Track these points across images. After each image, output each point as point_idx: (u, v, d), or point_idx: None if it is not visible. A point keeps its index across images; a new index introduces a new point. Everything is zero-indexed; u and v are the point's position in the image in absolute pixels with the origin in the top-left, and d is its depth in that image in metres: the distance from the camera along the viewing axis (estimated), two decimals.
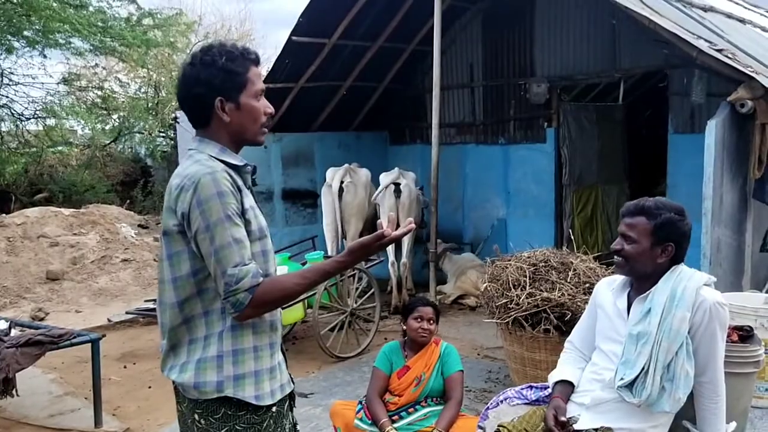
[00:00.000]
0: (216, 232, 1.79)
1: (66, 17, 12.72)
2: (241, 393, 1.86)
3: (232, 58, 1.90)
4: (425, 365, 3.57)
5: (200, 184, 1.79)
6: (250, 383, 1.88)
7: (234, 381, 1.86)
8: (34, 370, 5.03)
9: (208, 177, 1.80)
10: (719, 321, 2.38)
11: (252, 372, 1.88)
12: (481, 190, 8.50)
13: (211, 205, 1.79)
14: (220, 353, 1.86)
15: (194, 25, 18.72)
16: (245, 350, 1.88)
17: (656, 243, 2.43)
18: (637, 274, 2.51)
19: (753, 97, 4.54)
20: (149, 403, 4.90)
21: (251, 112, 1.94)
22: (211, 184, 1.79)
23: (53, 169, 16.82)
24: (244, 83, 1.92)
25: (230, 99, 1.90)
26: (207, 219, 1.79)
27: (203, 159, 1.88)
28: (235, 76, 1.90)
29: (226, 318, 1.87)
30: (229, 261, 1.79)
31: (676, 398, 2.36)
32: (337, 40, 7.60)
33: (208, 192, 1.79)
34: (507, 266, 4.69)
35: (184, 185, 1.83)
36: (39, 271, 8.88)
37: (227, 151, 1.93)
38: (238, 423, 1.87)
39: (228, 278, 1.78)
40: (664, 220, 2.41)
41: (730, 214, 4.79)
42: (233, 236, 1.80)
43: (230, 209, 1.81)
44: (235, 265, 1.78)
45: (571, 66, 7.51)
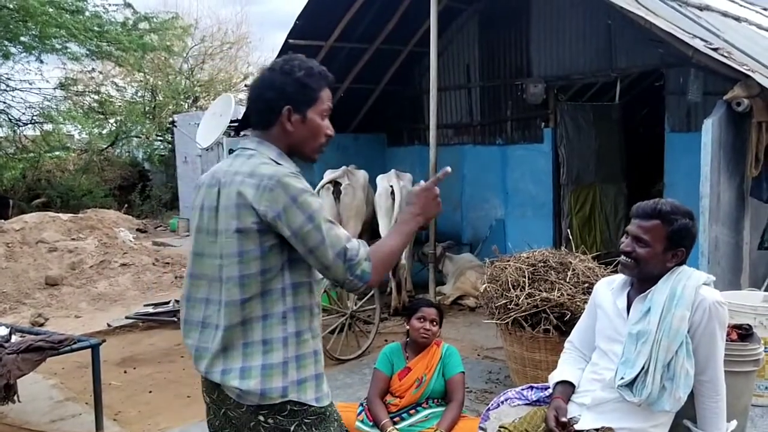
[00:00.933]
0: (320, 221, 1.85)
1: (62, 22, 12.75)
2: (303, 396, 1.91)
3: (309, 74, 1.98)
4: (426, 367, 3.58)
5: (286, 182, 1.85)
6: (311, 386, 1.93)
7: (297, 385, 1.90)
8: (35, 376, 5.02)
9: (291, 176, 1.88)
10: (719, 320, 2.39)
11: (313, 375, 1.94)
12: (479, 191, 8.52)
13: (305, 198, 1.85)
14: (286, 359, 1.90)
15: (190, 28, 18.74)
16: (307, 355, 1.94)
17: (669, 248, 2.43)
18: (644, 276, 2.51)
19: (749, 95, 4.56)
20: (150, 408, 4.90)
21: (314, 128, 2.01)
22: (296, 181, 1.87)
23: (51, 174, 16.85)
24: (315, 99, 1.99)
25: (298, 111, 1.97)
26: (306, 211, 1.84)
27: (268, 161, 1.94)
28: (308, 90, 1.97)
29: (287, 323, 1.91)
30: (340, 240, 1.86)
31: (676, 397, 2.37)
32: (334, 43, 7.62)
33: (297, 188, 1.86)
34: (506, 267, 4.69)
35: (266, 185, 1.85)
36: (38, 276, 8.87)
37: (284, 157, 1.99)
38: (305, 416, 1.92)
39: (350, 253, 1.86)
40: (680, 226, 2.41)
41: (727, 213, 4.81)
42: (330, 221, 1.89)
43: (318, 200, 1.91)
44: (348, 240, 1.87)
45: (567, 66, 7.52)
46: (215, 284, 1.96)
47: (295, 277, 1.93)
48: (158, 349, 6.41)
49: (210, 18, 25.01)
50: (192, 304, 2.03)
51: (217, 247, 1.94)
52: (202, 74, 20.11)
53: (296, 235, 1.84)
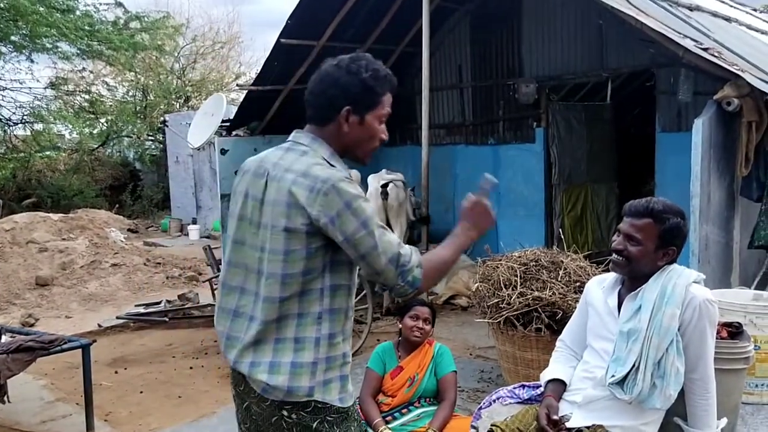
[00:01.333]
0: (372, 227, 1.86)
1: (53, 22, 12.70)
2: (328, 397, 1.92)
3: (376, 77, 1.99)
4: (418, 366, 3.58)
5: (341, 187, 1.84)
6: (335, 387, 1.94)
7: (323, 386, 1.92)
8: (26, 377, 4.99)
9: (345, 181, 1.87)
10: (709, 318, 2.41)
11: (338, 377, 1.95)
12: (472, 190, 8.47)
13: (359, 204, 1.85)
14: (316, 360, 1.90)
15: (182, 28, 18.70)
16: (337, 357, 1.94)
17: (660, 246, 2.45)
18: (636, 274, 2.53)
19: (739, 95, 4.58)
20: (141, 408, 4.88)
21: (371, 132, 2.01)
22: (350, 186, 1.86)
23: (41, 174, 16.76)
24: (377, 103, 2.00)
25: (357, 112, 1.97)
26: (360, 217, 1.85)
27: (322, 161, 1.93)
28: (371, 93, 1.98)
29: (321, 324, 1.91)
30: (392, 245, 1.88)
31: (666, 395, 2.38)
32: (325, 42, 7.60)
33: (351, 193, 1.85)
34: (498, 266, 4.70)
35: (320, 189, 1.84)
36: (28, 276, 8.82)
37: (336, 157, 1.98)
38: (329, 414, 1.93)
39: (402, 259, 1.88)
40: (672, 225, 2.43)
41: (717, 212, 4.83)
42: (382, 226, 1.90)
43: (371, 206, 1.91)
44: (400, 246, 1.89)
45: (559, 66, 7.54)
46: (252, 275, 1.96)
47: (336, 279, 1.93)
48: (149, 350, 6.38)
49: (201, 17, 24.94)
50: (227, 291, 2.03)
51: (259, 239, 1.94)
52: (194, 74, 20.05)
53: (349, 240, 1.85)
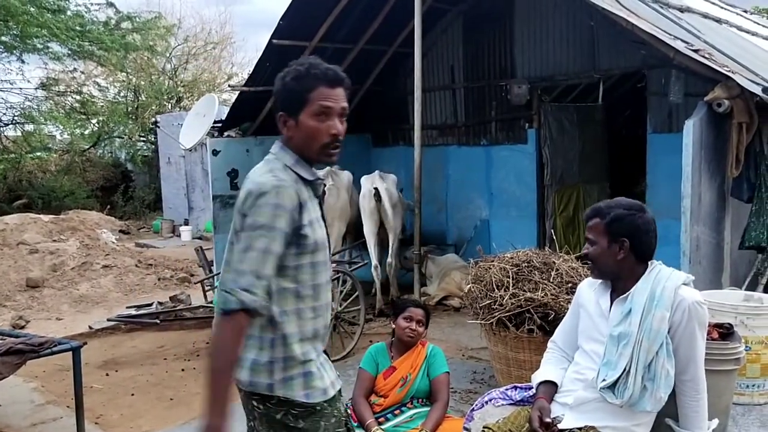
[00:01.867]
0: (256, 235, 1.89)
1: (44, 22, 12.63)
2: (290, 393, 1.99)
3: (297, 77, 2.01)
4: (411, 366, 3.59)
5: (266, 193, 1.90)
6: (298, 384, 2.00)
7: (283, 383, 1.99)
8: (15, 379, 4.96)
9: (274, 190, 1.91)
10: (698, 320, 2.41)
11: (301, 374, 2.00)
12: (464, 191, 8.53)
13: (264, 211, 1.89)
14: (272, 359, 1.99)
15: (173, 28, 18.63)
16: (295, 357, 1.99)
17: (612, 240, 2.50)
18: (605, 274, 2.58)
19: (729, 96, 4.60)
20: (132, 411, 4.85)
21: (309, 131, 2.01)
22: (274, 195, 1.90)
23: (32, 175, 16.66)
24: (305, 102, 1.99)
25: (291, 116, 2.02)
26: (256, 221, 1.89)
27: (277, 169, 1.99)
28: (294, 94, 2.00)
29: (276, 326, 1.98)
30: (251, 263, 1.87)
31: (657, 398, 2.39)
32: (317, 43, 7.59)
33: (269, 200, 1.89)
34: (490, 267, 4.70)
35: (252, 191, 1.93)
36: (19, 278, 8.77)
37: (301, 163, 2.03)
38: (292, 407, 1.99)
39: (244, 279, 1.85)
40: (613, 216, 2.50)
41: (708, 213, 4.85)
42: (265, 246, 1.88)
43: (278, 222, 1.90)
44: (258, 278, 1.86)
45: (551, 67, 7.56)
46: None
47: (282, 283, 1.97)
48: (140, 352, 6.35)
49: (193, 18, 24.89)
50: None
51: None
52: (186, 74, 19.99)
53: (240, 231, 1.93)
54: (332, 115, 2.02)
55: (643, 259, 2.53)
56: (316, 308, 2.04)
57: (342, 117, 2.06)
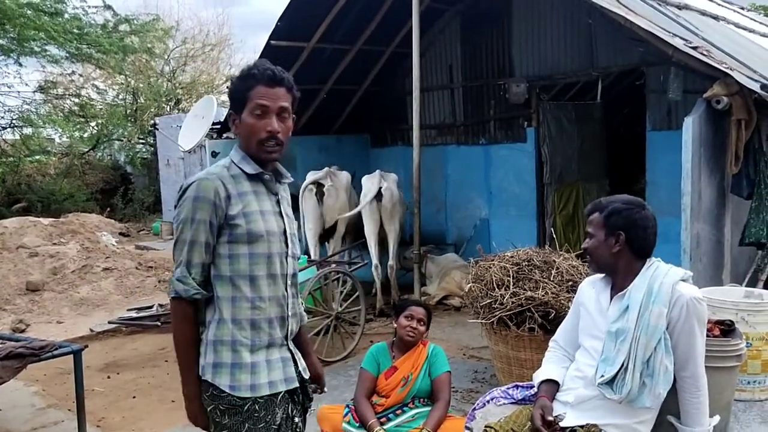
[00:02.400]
0: (180, 228, 2.07)
1: (41, 25, 12.60)
2: (217, 380, 2.07)
3: (239, 78, 2.13)
4: (413, 366, 3.59)
5: (189, 187, 2.07)
6: (225, 373, 2.07)
7: (212, 368, 2.08)
8: (16, 383, 4.95)
9: (196, 183, 2.06)
10: (697, 316, 2.41)
11: (228, 363, 2.07)
12: (463, 191, 8.53)
13: (185, 205, 2.06)
14: (207, 341, 2.11)
15: (171, 30, 18.60)
16: (224, 342, 2.08)
17: (608, 233, 2.54)
18: (601, 267, 2.62)
19: (728, 93, 4.60)
20: (134, 414, 4.85)
21: (247, 128, 2.11)
22: (193, 188, 2.05)
23: (31, 179, 16.63)
24: (244, 100, 2.09)
25: (237, 114, 2.13)
26: (179, 216, 2.07)
27: (221, 163, 2.15)
28: (237, 93, 2.12)
29: (215, 309, 2.11)
30: (177, 255, 2.08)
31: (656, 393, 2.39)
32: (315, 44, 7.59)
33: (190, 194, 2.05)
34: (490, 266, 4.70)
35: (181, 187, 2.12)
36: (19, 282, 8.75)
37: (247, 159, 2.14)
38: (221, 403, 2.07)
39: (177, 271, 2.08)
40: (611, 210, 2.55)
41: (708, 210, 4.85)
42: (190, 237, 2.05)
43: (199, 214, 2.04)
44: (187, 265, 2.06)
45: (549, 65, 7.56)
46: None
47: (219, 270, 2.10)
48: (142, 354, 6.35)
49: (191, 20, 24.82)
50: None
51: None
52: (184, 76, 19.97)
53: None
54: (269, 113, 2.09)
55: (641, 255, 2.54)
56: (254, 299, 2.10)
57: (281, 116, 2.12)
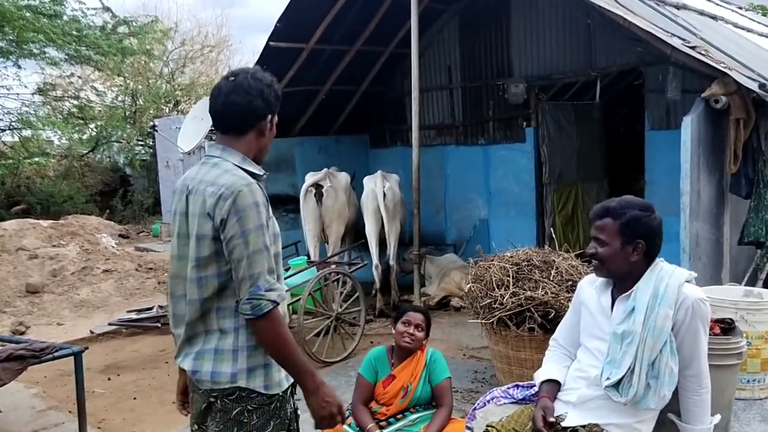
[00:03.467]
0: (251, 239, 1.97)
1: (40, 27, 12.60)
2: (252, 384, 2.06)
3: (277, 84, 2.19)
4: (411, 374, 3.50)
5: (240, 194, 1.98)
6: (260, 375, 2.07)
7: (247, 373, 2.06)
8: (17, 385, 4.95)
9: (246, 188, 1.99)
10: (701, 317, 2.41)
11: (262, 365, 2.08)
12: (463, 191, 8.54)
13: (249, 213, 1.97)
14: (236, 347, 2.06)
15: (170, 32, 18.60)
16: (258, 346, 2.06)
17: (626, 242, 2.46)
18: (614, 275, 2.54)
19: (727, 92, 4.61)
20: (135, 415, 4.85)
21: (273, 135, 2.22)
22: (249, 195, 1.99)
23: (30, 181, 16.62)
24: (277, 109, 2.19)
25: (273, 119, 2.17)
26: (244, 226, 1.97)
27: (232, 169, 2.06)
28: (279, 101, 2.18)
29: (238, 316, 2.04)
30: (260, 264, 1.97)
31: (661, 395, 2.39)
32: (314, 45, 7.60)
33: (247, 201, 1.98)
34: (490, 266, 4.70)
35: (222, 194, 1.99)
36: (18, 284, 8.75)
37: (248, 161, 2.12)
38: (249, 404, 2.06)
39: (262, 283, 1.97)
40: (629, 218, 2.45)
41: (707, 209, 4.86)
42: (265, 243, 2.00)
43: (263, 219, 2.01)
44: (270, 273, 1.99)
45: (548, 66, 7.57)
46: (183, 282, 2.13)
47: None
48: (142, 356, 6.35)
49: (190, 21, 24.87)
50: (175, 300, 2.18)
51: (187, 249, 2.10)
52: (183, 78, 19.97)
53: (227, 243, 1.99)
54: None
55: (651, 258, 2.51)
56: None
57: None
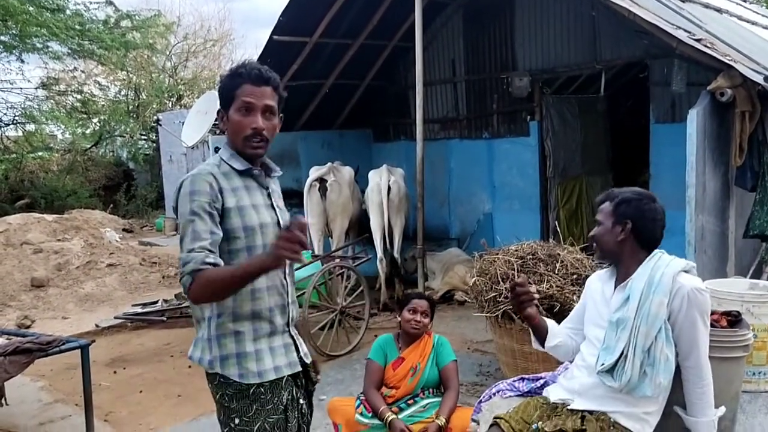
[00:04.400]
0: (183, 224, 2.08)
1: (43, 21, 12.61)
2: (226, 371, 2.15)
3: (228, 76, 2.21)
4: (420, 355, 3.63)
5: (183, 183, 2.13)
6: (233, 364, 2.15)
7: (220, 361, 2.15)
8: (23, 379, 4.98)
9: (190, 178, 2.12)
10: (698, 306, 2.42)
11: (234, 354, 2.15)
12: (467, 185, 8.53)
13: (183, 201, 2.09)
14: (209, 336, 2.17)
15: (173, 26, 18.61)
16: (226, 335, 2.15)
17: (616, 221, 2.56)
18: (605, 254, 2.63)
19: (732, 85, 4.59)
20: (141, 408, 4.87)
21: (234, 125, 2.19)
22: (188, 184, 2.11)
23: (34, 175, 16.66)
24: (232, 98, 2.17)
25: (226, 111, 2.20)
26: (181, 212, 2.10)
27: (210, 161, 2.22)
28: (225, 92, 2.19)
29: (212, 306, 2.15)
30: (183, 248, 2.06)
31: (657, 383, 2.40)
32: (318, 39, 7.59)
33: (185, 190, 2.10)
34: (495, 260, 4.70)
35: (177, 185, 2.15)
36: (23, 278, 8.78)
37: (236, 156, 2.20)
38: (228, 389, 2.16)
39: (183, 259, 2.04)
40: (621, 199, 2.58)
41: (713, 202, 4.85)
42: (193, 228, 2.05)
43: (197, 206, 2.07)
44: (188, 251, 2.03)
45: (552, 59, 7.55)
46: None
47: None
48: (147, 349, 6.38)
49: (192, 15, 24.76)
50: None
51: None
52: (186, 72, 19.98)
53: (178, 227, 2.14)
54: (255, 110, 2.16)
55: (646, 246, 2.55)
56: (254, 291, 2.15)
57: (267, 114, 2.19)
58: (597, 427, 2.42)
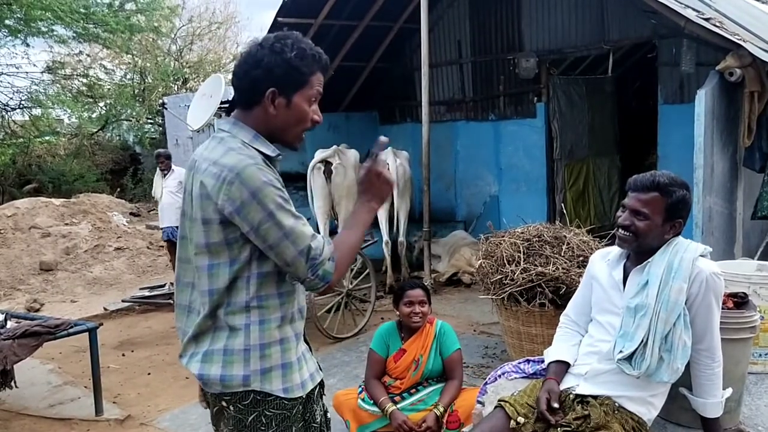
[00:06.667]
0: (280, 218, 1.75)
1: (48, 4, 12.58)
2: (268, 387, 1.84)
3: (302, 56, 1.85)
4: (422, 347, 3.57)
5: (245, 176, 1.74)
6: (277, 376, 1.85)
7: (261, 375, 1.83)
8: (33, 361, 5.03)
9: (252, 168, 1.75)
10: (715, 291, 2.41)
11: (279, 365, 1.85)
12: (473, 167, 8.50)
13: (265, 194, 1.74)
14: (247, 346, 1.82)
15: (178, 8, 18.52)
16: (272, 344, 1.84)
17: (667, 219, 2.42)
18: (643, 249, 2.49)
19: (741, 65, 4.54)
20: (149, 390, 4.92)
21: (299, 114, 1.88)
22: (256, 174, 1.74)
23: (41, 160, 16.72)
24: (304, 84, 1.86)
25: (284, 94, 1.85)
26: (266, 208, 1.74)
27: (238, 146, 1.81)
28: (297, 73, 1.85)
29: (250, 312, 1.83)
30: (304, 238, 1.77)
31: (674, 368, 2.39)
32: (323, 20, 7.54)
33: (257, 182, 1.74)
34: (501, 242, 4.69)
35: (226, 177, 1.75)
36: (32, 262, 8.85)
37: (260, 139, 1.86)
38: (267, 408, 1.85)
39: (313, 252, 1.78)
40: (678, 197, 2.40)
41: (721, 183, 4.82)
42: (295, 216, 1.79)
43: (281, 194, 1.78)
44: (313, 238, 1.79)
45: (559, 39, 7.47)
46: (192, 269, 1.90)
47: (264, 267, 1.84)
48: (155, 332, 6.42)
49: None
50: (181, 288, 1.97)
51: (193, 233, 1.87)
52: (191, 55, 19.93)
53: (255, 231, 1.76)
54: (317, 102, 1.91)
55: (677, 235, 2.49)
56: (289, 292, 1.90)
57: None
58: (601, 412, 2.41)
